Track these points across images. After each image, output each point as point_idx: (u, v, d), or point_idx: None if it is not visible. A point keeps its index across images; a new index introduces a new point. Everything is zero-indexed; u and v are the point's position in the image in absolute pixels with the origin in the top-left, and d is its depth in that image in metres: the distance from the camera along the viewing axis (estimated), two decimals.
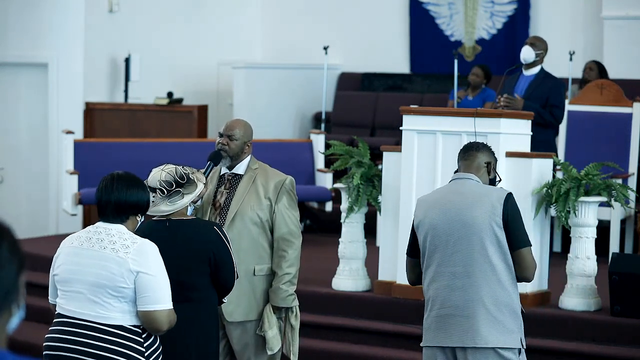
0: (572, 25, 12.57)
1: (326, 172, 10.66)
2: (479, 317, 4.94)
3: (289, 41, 14.02)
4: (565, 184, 7.53)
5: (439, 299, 5.05)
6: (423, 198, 5.28)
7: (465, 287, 4.97)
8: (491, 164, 5.24)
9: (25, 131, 12.50)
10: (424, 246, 5.13)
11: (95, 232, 4.62)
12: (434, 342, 5.06)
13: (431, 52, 13.29)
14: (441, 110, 8.39)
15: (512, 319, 4.98)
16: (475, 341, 4.93)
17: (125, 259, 4.51)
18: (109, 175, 4.68)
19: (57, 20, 12.19)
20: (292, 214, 5.80)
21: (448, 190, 5.19)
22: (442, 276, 5.04)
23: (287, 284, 5.73)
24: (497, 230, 4.97)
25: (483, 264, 4.96)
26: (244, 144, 5.81)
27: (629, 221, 9.67)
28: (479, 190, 5.08)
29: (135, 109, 12.31)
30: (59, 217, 12.03)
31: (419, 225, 5.17)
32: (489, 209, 4.98)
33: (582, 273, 7.58)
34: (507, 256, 4.97)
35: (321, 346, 7.81)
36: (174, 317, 4.61)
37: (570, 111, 9.96)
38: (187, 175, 5.15)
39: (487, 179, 5.23)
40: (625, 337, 7.41)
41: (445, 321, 5.03)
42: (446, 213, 5.06)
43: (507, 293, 4.97)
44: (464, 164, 5.23)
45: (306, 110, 13.55)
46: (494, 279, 4.95)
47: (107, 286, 4.51)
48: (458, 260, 5.00)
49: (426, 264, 5.13)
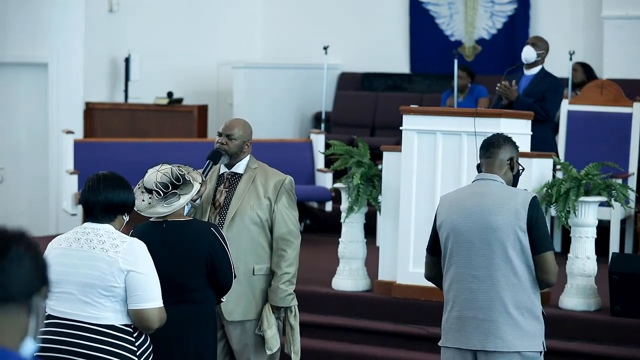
0: (572, 25, 12.57)
1: (326, 172, 10.66)
2: (501, 321, 4.93)
3: (289, 41, 14.01)
4: (565, 184, 7.53)
5: (460, 301, 5.03)
6: (446, 197, 5.23)
7: (487, 291, 4.95)
8: (513, 159, 5.15)
9: (25, 131, 12.50)
10: (445, 247, 5.10)
11: (83, 232, 4.62)
12: (454, 343, 5.06)
13: (431, 52, 13.29)
14: (441, 110, 8.40)
15: (534, 323, 4.97)
16: (498, 345, 4.93)
17: (116, 258, 4.50)
18: (94, 176, 4.70)
19: (57, 20, 12.19)
20: (292, 213, 5.80)
21: (471, 191, 5.12)
22: (464, 278, 5.01)
23: (286, 283, 5.73)
24: (521, 235, 4.93)
25: (505, 268, 4.93)
26: (244, 143, 5.81)
27: (629, 221, 9.67)
28: (503, 193, 5.02)
29: (135, 108, 12.31)
30: (59, 217, 12.03)
31: (440, 225, 5.13)
32: (513, 213, 4.94)
33: (582, 273, 7.58)
34: (529, 260, 4.95)
35: (321, 346, 7.80)
36: (165, 315, 4.61)
37: (570, 111, 9.97)
38: (183, 176, 5.15)
39: (510, 175, 5.15)
40: (625, 337, 7.41)
41: (466, 323, 5.01)
42: (469, 216, 5.01)
43: (529, 297, 4.95)
44: (485, 162, 5.16)
45: (306, 110, 13.55)
46: (516, 283, 4.93)
47: (98, 286, 4.51)
48: (481, 263, 4.97)
49: (447, 265, 5.10)
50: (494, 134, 5.29)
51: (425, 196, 7.74)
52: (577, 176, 7.58)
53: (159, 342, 4.86)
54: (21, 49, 12.27)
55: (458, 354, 5.04)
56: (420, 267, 7.82)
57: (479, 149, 5.23)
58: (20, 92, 12.51)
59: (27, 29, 12.24)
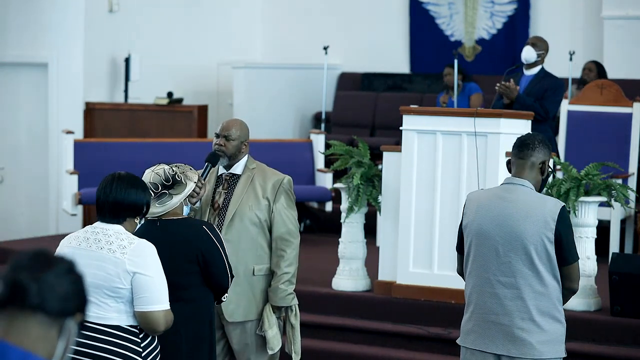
0: (572, 25, 12.57)
1: (326, 172, 10.66)
2: (526, 328, 4.93)
3: (289, 41, 14.02)
4: (565, 184, 7.53)
5: (484, 305, 5.01)
6: (473, 197, 5.14)
7: (512, 298, 4.94)
8: (546, 163, 5.06)
9: (25, 131, 12.50)
10: (469, 249, 5.07)
11: (92, 232, 4.62)
12: (476, 345, 5.05)
13: (431, 52, 13.29)
14: (441, 110, 8.39)
15: (558, 329, 4.97)
16: (523, 352, 4.93)
17: (122, 260, 4.50)
18: (110, 175, 4.68)
19: (57, 20, 12.19)
20: (290, 213, 5.80)
21: (499, 195, 5.04)
22: (488, 283, 4.99)
23: (286, 283, 5.73)
24: (548, 245, 4.90)
25: (531, 276, 4.92)
26: (241, 144, 5.80)
27: (629, 221, 9.67)
28: (532, 201, 4.96)
29: (135, 109, 12.31)
30: (59, 217, 12.03)
31: (466, 227, 5.08)
32: (542, 223, 4.89)
33: (582, 273, 7.56)
34: (555, 269, 4.93)
35: (321, 346, 7.81)
36: (171, 317, 4.61)
37: (570, 111, 9.96)
38: (174, 176, 5.16)
39: (539, 178, 5.06)
40: (625, 337, 7.41)
41: (489, 327, 5.00)
42: (496, 221, 4.97)
43: (553, 304, 4.95)
44: (517, 163, 5.06)
45: (306, 110, 13.55)
46: (542, 291, 4.92)
47: (104, 286, 4.51)
48: (506, 270, 4.94)
49: (470, 267, 5.07)
50: (529, 134, 5.18)
51: (425, 196, 7.75)
52: (577, 176, 7.58)
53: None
54: (21, 49, 12.28)
55: (480, 356, 5.04)
56: (420, 267, 7.87)
57: (513, 147, 5.11)
58: (20, 92, 12.51)
59: (27, 29, 12.25)
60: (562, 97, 9.51)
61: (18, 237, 11.74)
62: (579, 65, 11.13)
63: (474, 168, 7.47)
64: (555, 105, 9.05)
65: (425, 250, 7.78)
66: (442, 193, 7.67)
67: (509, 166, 5.14)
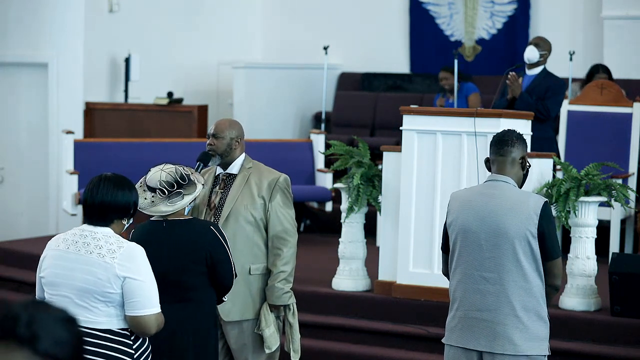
0: (572, 25, 12.57)
1: (326, 172, 10.67)
2: (509, 324, 4.93)
3: (289, 41, 14.01)
4: (565, 184, 7.53)
5: (467, 301, 5.02)
6: (456, 195, 5.17)
7: (496, 293, 4.95)
8: (525, 158, 5.11)
9: (25, 131, 12.50)
10: (454, 246, 5.09)
11: (81, 235, 4.56)
12: (459, 342, 5.05)
13: (431, 52, 13.29)
14: (441, 110, 8.39)
15: (541, 327, 4.98)
16: (505, 348, 4.93)
17: (112, 264, 4.45)
18: (96, 177, 4.61)
19: (57, 20, 12.19)
20: (287, 211, 5.79)
21: (483, 192, 5.08)
22: (472, 279, 5.00)
23: (282, 282, 5.73)
24: (532, 240, 4.92)
25: (515, 272, 4.93)
26: (232, 141, 5.80)
27: (629, 221, 9.67)
28: (516, 197, 4.99)
29: (135, 108, 12.31)
30: (59, 217, 12.03)
31: (450, 224, 5.11)
32: (525, 218, 4.92)
33: (582, 273, 7.58)
34: (538, 265, 4.95)
35: (321, 346, 7.81)
36: (162, 320, 4.58)
37: (570, 111, 9.96)
38: (188, 175, 5.14)
39: (521, 174, 5.10)
40: (625, 337, 7.41)
41: (473, 324, 5.00)
42: (480, 218, 4.99)
43: (536, 301, 4.96)
44: (497, 160, 5.09)
45: (306, 110, 13.55)
46: (525, 287, 4.93)
47: (94, 291, 4.47)
48: (490, 265, 4.96)
49: (455, 264, 5.09)
50: (505, 131, 5.20)
51: (425, 196, 7.75)
52: (577, 176, 7.58)
53: (158, 341, 4.86)
54: (21, 49, 12.28)
55: (463, 353, 5.04)
56: (420, 267, 7.87)
57: (490, 145, 5.15)
58: (20, 92, 12.51)
59: (27, 29, 12.25)
60: (564, 97, 9.52)
61: (18, 237, 11.74)
62: (579, 65, 11.13)
63: (474, 168, 7.46)
64: (557, 105, 9.07)
65: (425, 250, 7.78)
66: (442, 193, 7.66)
67: (488, 164, 5.16)
